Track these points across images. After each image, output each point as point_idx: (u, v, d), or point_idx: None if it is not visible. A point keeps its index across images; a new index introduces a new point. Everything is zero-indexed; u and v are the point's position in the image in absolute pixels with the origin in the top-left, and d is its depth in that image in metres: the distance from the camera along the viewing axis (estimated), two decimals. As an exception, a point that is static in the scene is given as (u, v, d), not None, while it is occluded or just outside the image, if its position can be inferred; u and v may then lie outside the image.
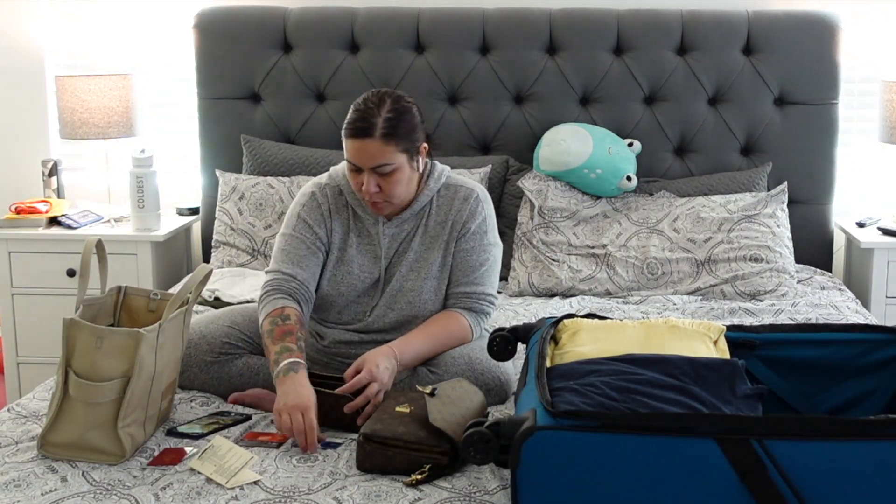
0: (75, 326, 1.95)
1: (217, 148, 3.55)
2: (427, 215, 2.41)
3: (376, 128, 2.24)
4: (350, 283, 2.38)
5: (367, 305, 2.40)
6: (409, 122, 2.29)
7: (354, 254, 2.39)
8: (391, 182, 2.28)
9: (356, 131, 2.25)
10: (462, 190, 2.43)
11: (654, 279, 3.11)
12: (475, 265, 2.40)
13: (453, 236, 2.40)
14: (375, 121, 2.24)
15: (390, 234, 2.39)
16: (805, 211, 3.46)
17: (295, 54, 3.52)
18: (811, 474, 1.58)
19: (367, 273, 2.39)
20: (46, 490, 1.83)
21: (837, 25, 3.44)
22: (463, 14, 3.50)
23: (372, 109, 2.26)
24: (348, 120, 2.28)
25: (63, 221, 3.49)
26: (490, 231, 2.44)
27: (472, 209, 2.41)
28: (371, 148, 2.25)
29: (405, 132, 2.28)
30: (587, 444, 1.61)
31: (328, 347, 2.39)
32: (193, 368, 2.32)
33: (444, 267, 2.40)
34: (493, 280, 2.43)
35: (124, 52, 3.74)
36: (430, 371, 2.28)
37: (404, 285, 2.37)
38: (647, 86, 3.47)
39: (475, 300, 2.39)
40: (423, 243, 2.40)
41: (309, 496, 1.81)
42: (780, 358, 2.05)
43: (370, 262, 2.40)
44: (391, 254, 2.40)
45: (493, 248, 2.44)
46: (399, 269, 2.38)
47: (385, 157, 2.26)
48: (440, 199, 2.42)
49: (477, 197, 2.43)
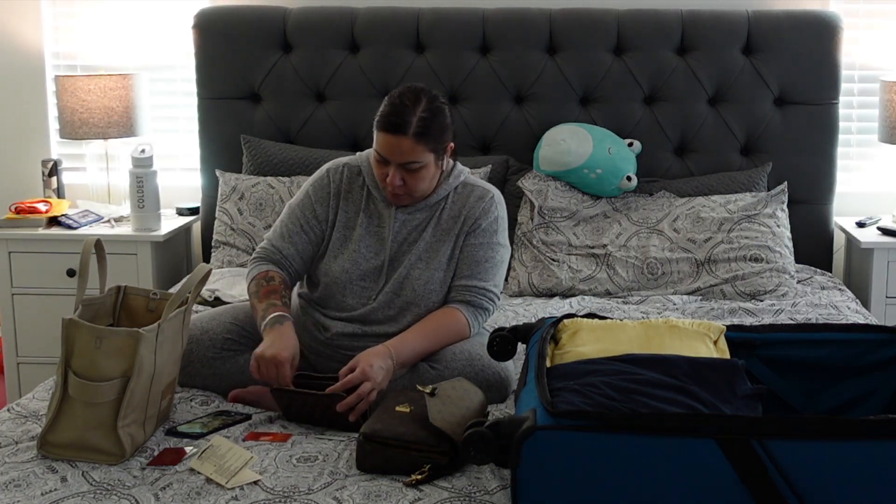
0: (74, 326, 1.95)
1: (217, 148, 3.55)
2: (441, 209, 2.43)
3: (410, 126, 2.25)
4: (354, 260, 2.39)
5: (372, 290, 2.40)
6: (441, 122, 2.30)
7: (362, 233, 2.41)
8: (416, 178, 2.31)
9: (390, 126, 2.26)
10: (478, 190, 2.46)
11: (654, 279, 3.11)
12: (480, 260, 2.40)
13: (464, 231, 2.41)
14: (410, 119, 2.25)
15: (401, 219, 2.41)
16: (805, 211, 3.46)
17: (295, 54, 3.52)
18: (811, 474, 1.58)
19: (373, 254, 2.41)
20: (46, 490, 1.83)
21: (837, 25, 3.44)
22: (463, 14, 3.50)
23: (408, 107, 2.26)
24: (383, 113, 2.28)
25: (63, 221, 3.48)
26: (500, 231, 2.45)
27: (486, 207, 2.43)
28: (403, 145, 2.26)
29: (437, 132, 2.29)
30: (587, 444, 1.61)
31: (331, 340, 2.39)
32: (195, 364, 2.32)
33: (452, 260, 2.41)
34: (497, 278, 2.44)
35: (124, 52, 3.74)
36: (431, 366, 2.29)
37: (412, 273, 2.38)
38: (647, 86, 3.47)
39: (474, 294, 2.39)
40: (435, 235, 2.41)
41: (309, 496, 1.81)
42: (780, 358, 2.05)
43: (376, 244, 2.41)
44: (399, 239, 2.41)
45: (500, 248, 2.45)
46: (408, 258, 2.39)
47: (415, 156, 2.28)
48: (456, 196, 2.44)
49: (492, 197, 2.45)
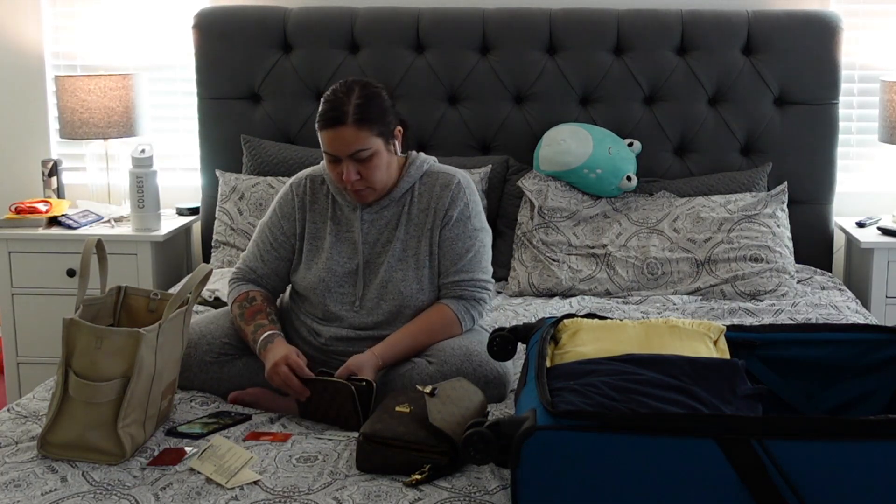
0: (75, 326, 1.95)
1: (217, 148, 3.55)
2: (409, 203, 2.41)
3: (348, 115, 2.27)
4: (329, 268, 2.39)
5: (353, 296, 2.39)
6: (379, 105, 2.32)
7: (332, 240, 2.41)
8: (370, 167, 2.31)
9: (329, 121, 2.29)
10: (442, 177, 2.43)
11: (654, 279, 3.11)
12: (461, 252, 2.39)
13: (437, 225, 2.40)
14: (346, 108, 2.27)
15: (369, 219, 2.40)
16: (805, 211, 3.46)
17: (295, 54, 3.52)
18: (811, 474, 1.58)
19: (346, 259, 2.40)
20: (46, 490, 1.83)
21: (837, 25, 3.44)
22: (463, 14, 3.50)
23: (342, 98, 2.29)
24: (320, 112, 2.31)
25: (63, 221, 3.48)
26: (474, 217, 2.43)
27: (454, 196, 2.41)
28: (346, 135, 2.27)
29: (377, 115, 2.30)
30: (587, 444, 1.61)
31: (325, 345, 2.39)
32: (193, 369, 2.33)
33: (432, 256, 2.40)
34: (484, 265, 2.43)
35: (124, 52, 3.74)
36: (429, 361, 2.28)
37: (393, 276, 2.38)
38: (647, 86, 3.47)
39: (464, 287, 2.38)
40: (408, 232, 2.40)
41: (309, 496, 1.81)
42: (780, 358, 2.05)
43: (348, 248, 2.41)
44: (371, 240, 2.40)
45: (479, 234, 2.43)
46: (387, 261, 2.38)
47: (361, 143, 2.28)
48: (422, 187, 2.43)
49: (458, 183, 2.42)
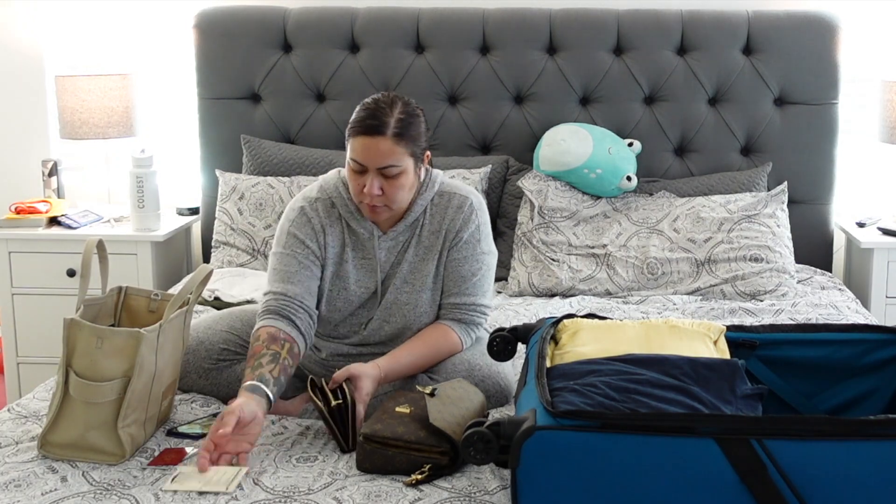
0: (76, 326, 1.95)
1: (217, 148, 3.55)
2: (421, 226, 2.34)
3: (388, 126, 2.18)
4: (347, 298, 2.32)
5: (364, 318, 2.35)
6: (418, 125, 2.24)
7: (351, 269, 2.33)
8: (395, 186, 2.22)
9: (367, 128, 2.18)
10: (456, 198, 2.35)
11: (654, 279, 3.11)
12: (467, 275, 2.33)
13: (446, 246, 2.34)
14: (388, 119, 2.18)
15: (386, 247, 2.33)
16: (805, 211, 3.46)
17: (295, 54, 3.52)
18: (811, 474, 1.58)
19: (364, 288, 2.33)
20: (46, 490, 1.83)
21: (837, 25, 3.44)
22: (463, 14, 3.50)
23: (384, 108, 2.19)
24: (357, 118, 2.21)
25: (63, 221, 3.48)
26: (483, 240, 2.37)
27: (466, 217, 2.34)
28: (382, 146, 2.18)
29: (415, 135, 2.22)
30: (587, 444, 1.61)
31: (326, 360, 2.37)
32: (192, 375, 2.30)
33: (438, 277, 2.34)
34: (486, 289, 2.37)
35: (124, 52, 3.74)
36: (431, 377, 2.26)
37: (399, 298, 2.32)
38: (647, 86, 3.47)
39: (465, 311, 2.33)
40: (418, 254, 2.34)
41: (309, 496, 1.81)
42: (780, 358, 2.05)
43: (367, 276, 2.33)
44: (387, 267, 2.34)
45: (486, 257, 2.37)
46: (393, 282, 2.33)
47: (394, 158, 2.19)
48: (434, 208, 2.35)
49: (471, 205, 2.35)
